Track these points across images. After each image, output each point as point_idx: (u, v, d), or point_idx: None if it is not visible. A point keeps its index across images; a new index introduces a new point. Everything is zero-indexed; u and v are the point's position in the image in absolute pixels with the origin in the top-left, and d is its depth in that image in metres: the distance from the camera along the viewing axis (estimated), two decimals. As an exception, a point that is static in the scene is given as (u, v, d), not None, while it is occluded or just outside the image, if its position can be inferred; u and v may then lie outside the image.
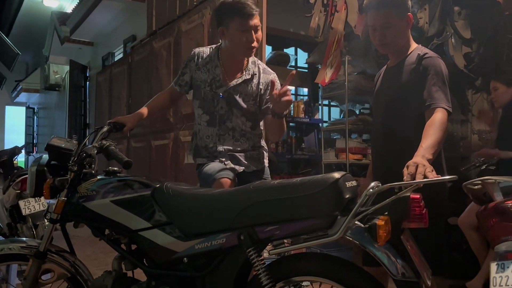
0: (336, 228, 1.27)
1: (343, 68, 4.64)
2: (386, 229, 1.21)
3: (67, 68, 9.33)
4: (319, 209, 1.31)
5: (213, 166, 2.00)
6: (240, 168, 2.09)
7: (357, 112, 5.68)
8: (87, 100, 8.64)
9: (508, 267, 2.14)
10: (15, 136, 14.38)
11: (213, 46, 2.22)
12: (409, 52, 1.92)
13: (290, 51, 5.88)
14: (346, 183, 1.32)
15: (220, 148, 2.08)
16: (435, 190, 1.77)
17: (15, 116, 15.24)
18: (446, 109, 1.76)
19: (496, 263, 2.18)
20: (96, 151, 1.66)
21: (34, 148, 14.09)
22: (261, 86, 2.13)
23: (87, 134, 8.34)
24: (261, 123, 2.22)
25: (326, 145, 5.01)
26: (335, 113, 6.33)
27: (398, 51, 1.93)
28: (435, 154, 1.64)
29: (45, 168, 1.76)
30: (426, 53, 1.86)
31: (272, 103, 1.91)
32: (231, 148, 2.09)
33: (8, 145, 9.35)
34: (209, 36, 4.09)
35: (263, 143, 2.24)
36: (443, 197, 1.99)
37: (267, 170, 2.21)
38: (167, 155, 4.65)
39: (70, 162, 1.70)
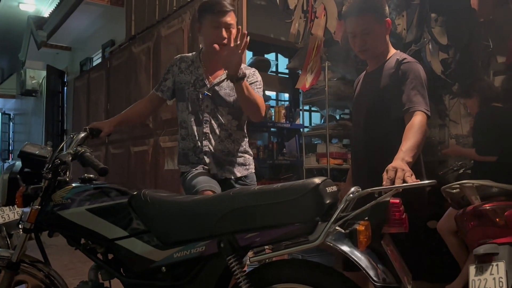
0: (317, 233, 1.26)
1: (323, 74, 4.67)
2: (367, 234, 1.21)
3: (44, 73, 9.13)
4: (299, 215, 1.29)
5: (197, 176, 1.97)
6: (223, 175, 2.07)
7: (337, 117, 5.72)
8: (65, 105, 8.47)
9: (486, 270, 2.17)
10: (-10, 143, 14.03)
11: (194, 52, 2.26)
12: (387, 58, 1.94)
13: (270, 56, 5.89)
14: (327, 188, 1.31)
15: (206, 148, 2.07)
16: (415, 194, 1.78)
17: (-10, 123, 14.86)
18: (425, 112, 1.77)
19: (474, 266, 2.21)
20: (70, 158, 1.61)
21: (10, 155, 13.73)
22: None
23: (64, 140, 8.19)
24: (245, 126, 2.22)
25: (307, 150, 5.02)
26: (316, 118, 6.37)
27: (377, 57, 1.95)
28: (415, 157, 1.65)
29: (18, 176, 1.71)
30: (405, 58, 1.87)
31: (223, 65, 1.95)
32: (217, 148, 2.08)
33: (-18, 152, 9.11)
34: (189, 41, 4.06)
35: (248, 148, 2.22)
36: (423, 201, 2.00)
37: (253, 177, 2.19)
38: (147, 162, 4.59)
39: (44, 169, 1.65)
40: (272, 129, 4.92)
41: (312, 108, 5.94)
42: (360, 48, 1.91)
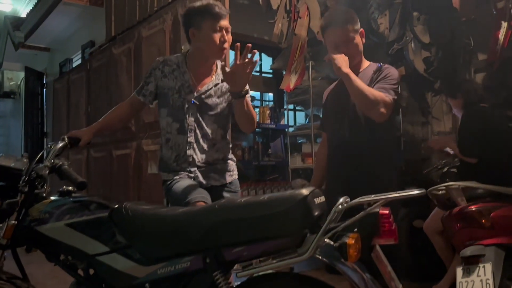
0: (306, 247, 1.22)
1: (307, 74, 4.65)
2: (357, 248, 1.18)
3: (22, 74, 8.91)
4: (287, 228, 1.25)
5: (185, 185, 1.90)
6: (208, 183, 2.02)
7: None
8: (44, 107, 8.28)
9: (473, 272, 2.18)
10: (-32, 146, 13.64)
11: (179, 54, 2.17)
12: (363, 67, 2.01)
13: (254, 56, 5.85)
14: (315, 199, 1.28)
15: (190, 158, 2.00)
16: None
17: (-33, 125, 14.45)
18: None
19: (461, 268, 2.21)
20: (47, 171, 1.54)
21: (-11, 158, 13.39)
22: None
23: (44, 144, 7.98)
24: (229, 133, 2.17)
25: (293, 150, 5.00)
26: (301, 117, 6.35)
27: (353, 66, 1.98)
28: None
29: (-8, 191, 1.63)
30: (385, 64, 1.99)
31: (227, 80, 1.89)
32: (202, 158, 2.02)
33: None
34: (170, 42, 3.99)
35: (231, 155, 2.17)
36: None
37: (236, 183, 2.15)
38: (129, 165, 4.50)
39: (20, 182, 1.57)
40: (257, 129, 4.88)
41: (297, 108, 5.92)
42: None
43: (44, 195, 1.58)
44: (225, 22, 2.00)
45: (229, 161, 2.12)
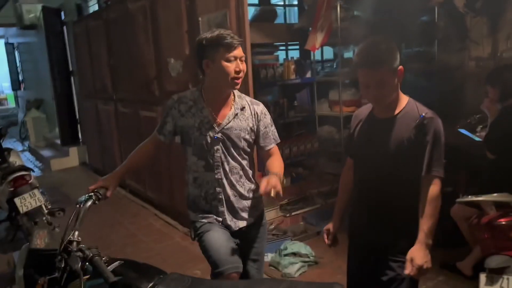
0: None
1: (335, 14, 4.33)
2: None
3: (39, 7, 8.65)
4: None
5: (216, 242, 1.96)
6: (236, 226, 2.08)
7: (351, 55, 5.43)
8: (67, 45, 8.18)
9: (497, 282, 2.24)
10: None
11: (193, 89, 2.12)
12: (402, 107, 1.85)
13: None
14: None
15: (220, 195, 2.05)
16: None
17: (-6, 52, 14.51)
18: (441, 178, 1.79)
19: (485, 274, 2.27)
20: (80, 264, 1.59)
21: (21, 84, 13.63)
22: (255, 117, 2.09)
23: (72, 83, 8.00)
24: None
25: (320, 95, 4.85)
26: (329, 53, 6.05)
27: (389, 105, 1.86)
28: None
29: (32, 270, 1.72)
30: (426, 113, 1.81)
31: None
32: (230, 193, 2.06)
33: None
34: (187, 9, 3.75)
35: (254, 179, 2.17)
36: None
37: (264, 215, 2.21)
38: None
39: (56, 257, 1.65)
40: (282, 85, 4.69)
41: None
42: (374, 100, 1.85)
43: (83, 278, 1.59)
44: (238, 52, 1.94)
45: (256, 193, 2.14)
